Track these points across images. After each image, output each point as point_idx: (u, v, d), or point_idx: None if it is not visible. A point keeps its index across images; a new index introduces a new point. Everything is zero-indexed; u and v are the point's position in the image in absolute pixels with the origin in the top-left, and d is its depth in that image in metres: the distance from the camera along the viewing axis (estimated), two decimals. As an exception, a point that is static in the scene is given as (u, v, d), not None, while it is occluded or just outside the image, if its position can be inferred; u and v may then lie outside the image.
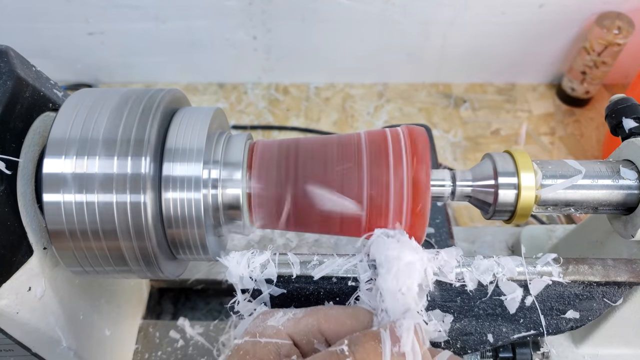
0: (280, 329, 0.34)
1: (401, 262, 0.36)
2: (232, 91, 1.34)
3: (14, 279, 0.38)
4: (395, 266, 0.35)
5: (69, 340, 0.45)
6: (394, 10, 1.16)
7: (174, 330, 0.64)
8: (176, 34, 1.23)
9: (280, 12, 1.18)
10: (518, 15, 1.17)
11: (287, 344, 0.34)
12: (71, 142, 0.36)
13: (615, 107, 0.46)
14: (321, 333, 0.34)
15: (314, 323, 0.34)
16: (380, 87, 1.35)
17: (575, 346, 0.54)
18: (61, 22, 1.21)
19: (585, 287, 0.41)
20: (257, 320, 0.36)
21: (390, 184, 0.37)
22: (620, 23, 1.11)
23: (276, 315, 0.35)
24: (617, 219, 0.44)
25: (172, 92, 0.40)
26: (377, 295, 0.37)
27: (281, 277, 0.40)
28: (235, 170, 0.39)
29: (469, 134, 1.25)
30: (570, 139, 1.23)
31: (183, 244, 0.39)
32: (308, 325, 0.34)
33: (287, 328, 0.34)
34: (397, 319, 0.33)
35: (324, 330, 0.34)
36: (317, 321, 0.34)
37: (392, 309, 0.34)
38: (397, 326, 0.32)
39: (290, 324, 0.34)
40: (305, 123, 1.27)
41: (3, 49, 0.39)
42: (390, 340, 0.31)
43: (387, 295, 0.35)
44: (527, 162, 0.40)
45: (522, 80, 1.34)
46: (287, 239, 0.75)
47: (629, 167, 0.42)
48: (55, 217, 0.36)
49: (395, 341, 0.31)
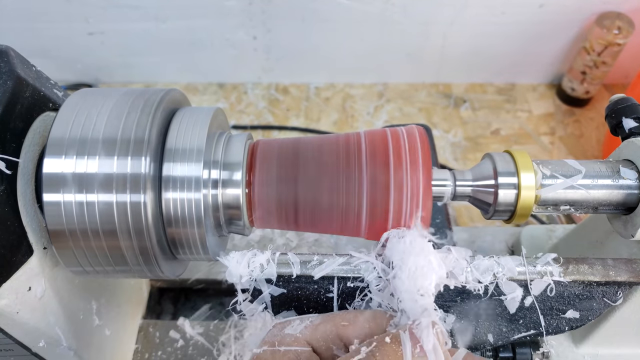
0: (299, 337, 0.34)
1: (418, 263, 0.36)
2: (232, 91, 1.34)
3: (14, 279, 0.38)
4: (412, 267, 0.35)
5: (69, 340, 0.45)
6: (394, 10, 1.16)
7: (174, 330, 0.64)
8: (176, 33, 1.23)
9: (280, 12, 1.18)
10: (518, 15, 1.17)
11: (306, 351, 0.33)
12: (71, 142, 0.36)
13: (615, 107, 0.46)
14: (340, 338, 0.34)
15: (332, 329, 0.34)
16: (380, 87, 1.35)
17: (575, 346, 0.54)
18: (61, 22, 1.21)
19: (585, 287, 0.41)
20: (275, 329, 0.35)
21: (390, 185, 0.37)
22: (620, 23, 1.11)
23: (293, 324, 0.35)
24: (617, 219, 0.44)
25: (172, 92, 0.40)
26: (392, 296, 0.37)
27: (281, 277, 0.40)
28: (235, 171, 0.39)
29: (469, 134, 1.25)
30: (570, 139, 1.23)
31: (183, 244, 0.39)
32: (326, 332, 0.34)
33: (305, 335, 0.34)
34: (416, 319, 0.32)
35: (342, 335, 0.34)
36: (334, 326, 0.34)
37: (411, 310, 0.34)
38: (416, 327, 0.32)
39: (308, 331, 0.34)
40: (305, 123, 1.27)
41: (3, 49, 0.39)
42: (411, 342, 0.31)
43: (405, 296, 0.35)
44: (527, 162, 0.40)
45: (522, 80, 1.34)
46: (287, 239, 0.75)
47: (629, 167, 0.42)
48: (55, 217, 0.36)
49: (415, 342, 0.31)
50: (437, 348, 0.31)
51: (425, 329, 0.31)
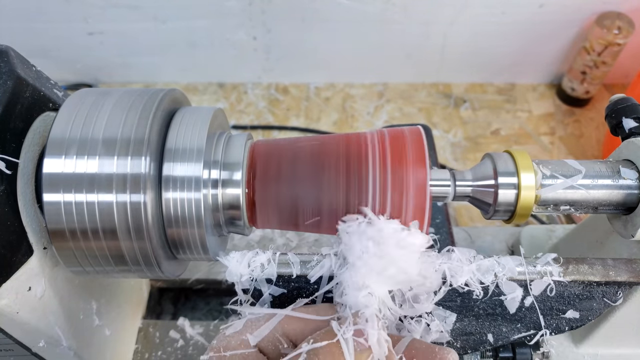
0: (244, 339, 0.33)
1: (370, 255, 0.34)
2: (232, 91, 1.34)
3: (14, 279, 0.38)
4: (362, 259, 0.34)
5: (69, 340, 0.45)
6: (394, 10, 1.16)
7: (174, 330, 0.64)
8: (176, 33, 1.23)
9: (280, 12, 1.18)
10: (518, 15, 1.17)
11: (252, 353, 0.33)
12: (71, 142, 0.36)
13: (615, 107, 0.46)
14: (286, 336, 0.33)
15: (277, 327, 0.33)
16: (380, 87, 1.35)
17: (575, 346, 0.54)
18: (61, 22, 1.21)
19: (585, 287, 0.41)
20: (221, 334, 0.34)
21: (388, 185, 0.37)
22: (620, 23, 1.11)
23: (235, 324, 0.34)
24: (617, 219, 0.44)
25: (172, 92, 0.40)
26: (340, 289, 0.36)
27: (281, 277, 0.40)
28: (235, 171, 0.39)
29: (469, 134, 1.25)
30: (570, 139, 1.23)
31: (183, 244, 0.39)
32: (272, 330, 0.33)
33: (251, 337, 0.33)
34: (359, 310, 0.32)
35: (288, 332, 0.33)
36: (280, 324, 0.34)
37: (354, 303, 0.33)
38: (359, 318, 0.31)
39: (255, 331, 0.33)
40: (305, 123, 1.27)
41: (3, 49, 0.39)
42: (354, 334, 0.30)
43: (349, 290, 0.34)
44: (527, 162, 0.40)
45: (522, 80, 1.34)
46: (287, 239, 0.75)
47: (629, 167, 0.42)
48: (55, 216, 0.36)
49: (358, 335, 0.30)
50: (380, 340, 0.30)
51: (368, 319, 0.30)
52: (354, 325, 0.31)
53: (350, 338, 0.30)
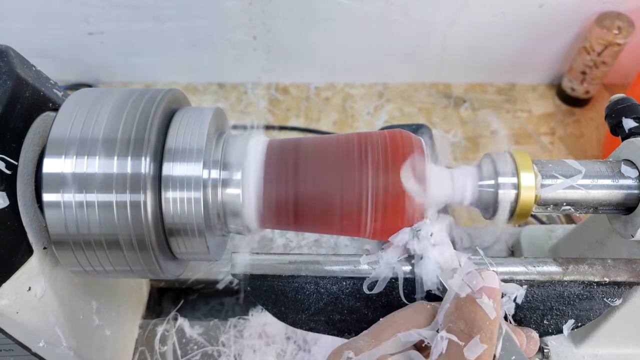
0: (374, 352, 0.33)
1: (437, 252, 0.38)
2: (232, 91, 1.34)
3: (14, 279, 0.38)
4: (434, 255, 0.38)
5: (69, 340, 0.45)
6: (394, 10, 1.16)
7: (173, 330, 0.64)
8: (176, 34, 1.23)
9: (280, 12, 1.18)
10: (518, 15, 1.17)
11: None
12: (71, 142, 0.36)
13: (615, 107, 0.46)
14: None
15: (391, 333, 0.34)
16: (380, 87, 1.35)
17: (575, 346, 0.54)
18: (61, 22, 1.20)
19: (585, 287, 0.40)
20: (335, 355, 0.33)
21: (388, 185, 0.37)
22: (620, 23, 1.11)
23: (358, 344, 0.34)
24: (617, 219, 0.44)
25: (172, 92, 0.40)
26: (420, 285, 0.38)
27: (281, 277, 0.40)
28: (235, 170, 0.39)
29: (468, 134, 1.25)
30: (570, 139, 1.23)
31: (183, 244, 0.39)
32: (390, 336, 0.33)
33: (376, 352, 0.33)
34: (468, 270, 0.35)
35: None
36: (393, 331, 0.34)
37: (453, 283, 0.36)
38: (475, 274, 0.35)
39: (377, 347, 0.33)
40: (305, 123, 1.27)
41: (3, 48, 0.39)
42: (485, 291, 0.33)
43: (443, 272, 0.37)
44: (527, 162, 0.40)
45: (522, 80, 1.34)
46: (287, 239, 0.75)
47: (629, 167, 0.42)
48: (55, 217, 0.36)
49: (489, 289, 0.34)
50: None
51: (484, 273, 0.34)
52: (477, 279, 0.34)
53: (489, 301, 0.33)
